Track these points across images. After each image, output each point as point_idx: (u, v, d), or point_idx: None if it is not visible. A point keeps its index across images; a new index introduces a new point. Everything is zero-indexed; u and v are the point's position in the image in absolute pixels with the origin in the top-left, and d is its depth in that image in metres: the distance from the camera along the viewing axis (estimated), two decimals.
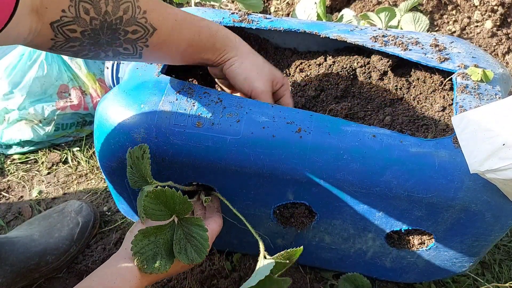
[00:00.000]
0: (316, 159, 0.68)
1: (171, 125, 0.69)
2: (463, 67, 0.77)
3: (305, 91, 0.86)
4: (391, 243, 0.84)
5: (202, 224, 0.66)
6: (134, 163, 0.66)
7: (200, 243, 0.66)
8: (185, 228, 0.66)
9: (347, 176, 0.69)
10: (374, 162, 0.68)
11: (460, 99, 0.72)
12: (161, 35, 0.62)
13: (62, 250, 1.03)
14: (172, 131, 0.69)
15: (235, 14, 0.87)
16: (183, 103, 0.71)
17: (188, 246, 0.66)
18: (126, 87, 0.74)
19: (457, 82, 0.75)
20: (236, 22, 0.85)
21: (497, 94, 0.74)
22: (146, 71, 0.76)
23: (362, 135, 0.68)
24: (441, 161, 0.66)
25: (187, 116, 0.70)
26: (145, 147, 0.65)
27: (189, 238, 0.66)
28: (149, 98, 0.71)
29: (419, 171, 0.67)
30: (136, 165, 0.66)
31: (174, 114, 0.70)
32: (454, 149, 0.67)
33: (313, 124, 0.69)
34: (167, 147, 0.70)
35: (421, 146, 0.68)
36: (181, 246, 0.66)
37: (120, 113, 0.71)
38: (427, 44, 0.82)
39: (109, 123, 0.72)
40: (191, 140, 0.69)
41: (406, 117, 0.79)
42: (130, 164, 0.66)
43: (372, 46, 0.81)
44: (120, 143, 0.71)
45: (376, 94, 0.84)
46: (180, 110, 0.70)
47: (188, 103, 0.71)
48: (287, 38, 0.92)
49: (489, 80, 0.75)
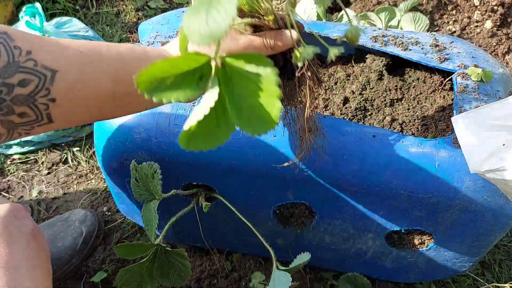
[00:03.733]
0: (316, 159, 0.68)
1: (171, 125, 0.69)
2: (463, 67, 0.77)
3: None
4: (391, 243, 0.84)
5: (184, 254, 0.68)
6: (142, 179, 0.66)
7: (182, 270, 0.67)
8: (168, 256, 0.68)
9: (347, 176, 0.69)
10: (374, 162, 0.68)
11: (460, 99, 0.73)
12: (67, 77, 0.43)
13: (65, 260, 1.02)
14: (172, 132, 0.69)
15: None
16: (182, 103, 0.71)
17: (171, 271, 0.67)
18: None
19: (457, 82, 0.75)
20: None
21: (497, 94, 0.74)
22: None
23: (363, 135, 0.69)
24: (441, 161, 0.66)
25: (187, 116, 0.70)
26: (156, 167, 0.65)
27: (172, 264, 0.68)
28: None
29: (419, 171, 0.67)
30: (144, 181, 0.66)
31: (174, 114, 0.70)
32: (454, 149, 0.67)
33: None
34: (167, 147, 0.70)
35: (421, 146, 0.68)
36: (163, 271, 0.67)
37: None
38: (427, 44, 0.82)
39: (109, 123, 0.72)
40: None
41: (406, 117, 0.79)
42: (135, 176, 0.67)
43: (372, 46, 0.81)
44: (120, 143, 0.71)
45: (375, 94, 0.84)
46: (180, 111, 0.70)
47: (187, 103, 0.71)
48: None
49: (489, 80, 0.75)
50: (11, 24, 1.56)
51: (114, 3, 1.78)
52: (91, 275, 1.05)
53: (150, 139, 0.70)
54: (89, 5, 1.76)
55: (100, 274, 1.03)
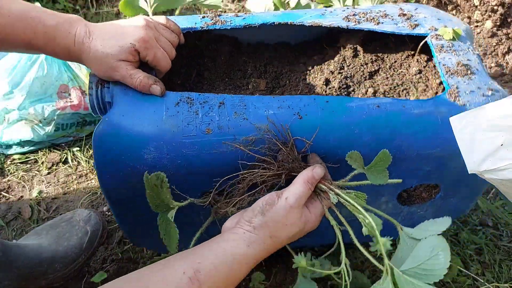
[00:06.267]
0: (328, 138, 0.71)
1: (180, 137, 0.68)
2: (434, 29, 0.83)
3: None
4: (402, 202, 0.87)
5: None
6: (153, 190, 0.66)
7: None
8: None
9: (360, 149, 0.71)
10: (383, 131, 0.71)
11: (440, 59, 0.79)
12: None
13: (71, 258, 1.02)
14: (183, 144, 0.68)
15: (207, 18, 0.85)
16: (186, 114, 0.69)
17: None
18: (122, 111, 0.69)
19: (433, 44, 0.81)
20: (210, 25, 0.83)
21: (469, 47, 0.81)
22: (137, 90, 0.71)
23: (367, 108, 0.72)
24: (443, 117, 0.72)
25: (195, 126, 0.68)
26: (162, 176, 0.65)
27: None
28: (150, 116, 0.69)
29: (425, 129, 0.72)
30: (155, 192, 0.66)
31: (181, 126, 0.68)
32: (451, 103, 0.73)
33: (319, 106, 0.71)
34: (181, 161, 0.68)
35: (423, 106, 0.73)
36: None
37: (125, 138, 0.68)
38: (395, 15, 0.87)
39: (114, 151, 0.68)
40: (204, 148, 0.68)
41: (386, 86, 0.84)
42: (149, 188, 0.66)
43: (347, 26, 0.84)
44: (130, 169, 0.68)
45: (354, 70, 0.87)
46: (186, 121, 0.69)
47: (191, 113, 0.69)
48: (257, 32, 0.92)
49: (458, 36, 0.83)
50: None
51: (114, 3, 1.79)
52: (92, 274, 1.05)
53: (162, 156, 0.68)
54: (89, 5, 1.76)
55: (100, 274, 1.04)
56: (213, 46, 0.91)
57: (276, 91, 0.88)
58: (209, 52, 0.91)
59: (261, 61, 0.93)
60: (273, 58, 0.94)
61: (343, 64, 0.88)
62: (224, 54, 0.91)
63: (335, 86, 0.84)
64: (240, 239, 0.60)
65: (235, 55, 0.93)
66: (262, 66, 0.92)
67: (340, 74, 0.86)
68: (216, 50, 0.91)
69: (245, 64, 0.92)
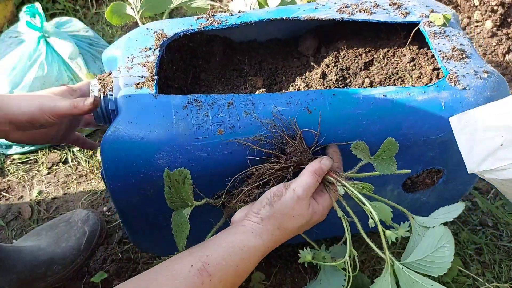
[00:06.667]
0: (337, 131, 0.72)
1: (192, 140, 0.67)
2: (424, 16, 0.85)
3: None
4: (406, 189, 0.88)
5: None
6: (174, 186, 0.65)
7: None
8: None
9: (368, 139, 0.72)
10: (391, 120, 0.72)
11: (436, 44, 0.80)
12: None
13: (69, 259, 1.02)
14: (195, 146, 0.67)
15: (202, 19, 0.84)
16: (196, 116, 0.69)
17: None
18: (129, 118, 0.68)
19: (426, 31, 0.82)
20: (206, 26, 0.82)
21: (460, 32, 0.83)
22: (142, 96, 0.71)
23: (373, 98, 0.73)
24: (445, 101, 0.73)
25: (206, 128, 0.68)
26: (186, 172, 0.64)
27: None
28: (160, 121, 0.68)
29: (430, 115, 0.73)
30: (176, 188, 0.65)
31: (192, 129, 0.68)
32: (452, 88, 0.74)
33: (326, 100, 0.72)
34: (194, 163, 0.68)
35: (426, 92, 0.74)
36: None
37: (135, 145, 0.67)
38: (386, 4, 0.88)
39: (124, 159, 0.68)
40: (217, 149, 0.68)
41: (381, 75, 0.85)
42: (168, 185, 0.66)
43: (342, 18, 0.85)
44: (142, 175, 0.68)
45: (349, 62, 0.88)
46: (196, 124, 0.68)
47: (201, 115, 0.69)
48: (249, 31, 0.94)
49: (448, 21, 0.84)
50: (11, 24, 1.57)
51: None
52: (92, 274, 1.05)
53: (175, 160, 0.67)
54: (89, 5, 1.75)
55: (100, 274, 1.04)
56: (206, 47, 0.91)
57: (274, 87, 0.89)
58: (203, 54, 0.91)
59: (255, 59, 0.93)
60: (266, 55, 0.94)
61: (337, 56, 0.89)
62: (218, 54, 0.91)
63: (332, 79, 0.85)
64: (248, 231, 0.61)
65: (229, 55, 0.93)
66: (257, 64, 0.92)
67: (336, 66, 0.87)
68: (210, 51, 0.91)
69: (240, 63, 0.92)
